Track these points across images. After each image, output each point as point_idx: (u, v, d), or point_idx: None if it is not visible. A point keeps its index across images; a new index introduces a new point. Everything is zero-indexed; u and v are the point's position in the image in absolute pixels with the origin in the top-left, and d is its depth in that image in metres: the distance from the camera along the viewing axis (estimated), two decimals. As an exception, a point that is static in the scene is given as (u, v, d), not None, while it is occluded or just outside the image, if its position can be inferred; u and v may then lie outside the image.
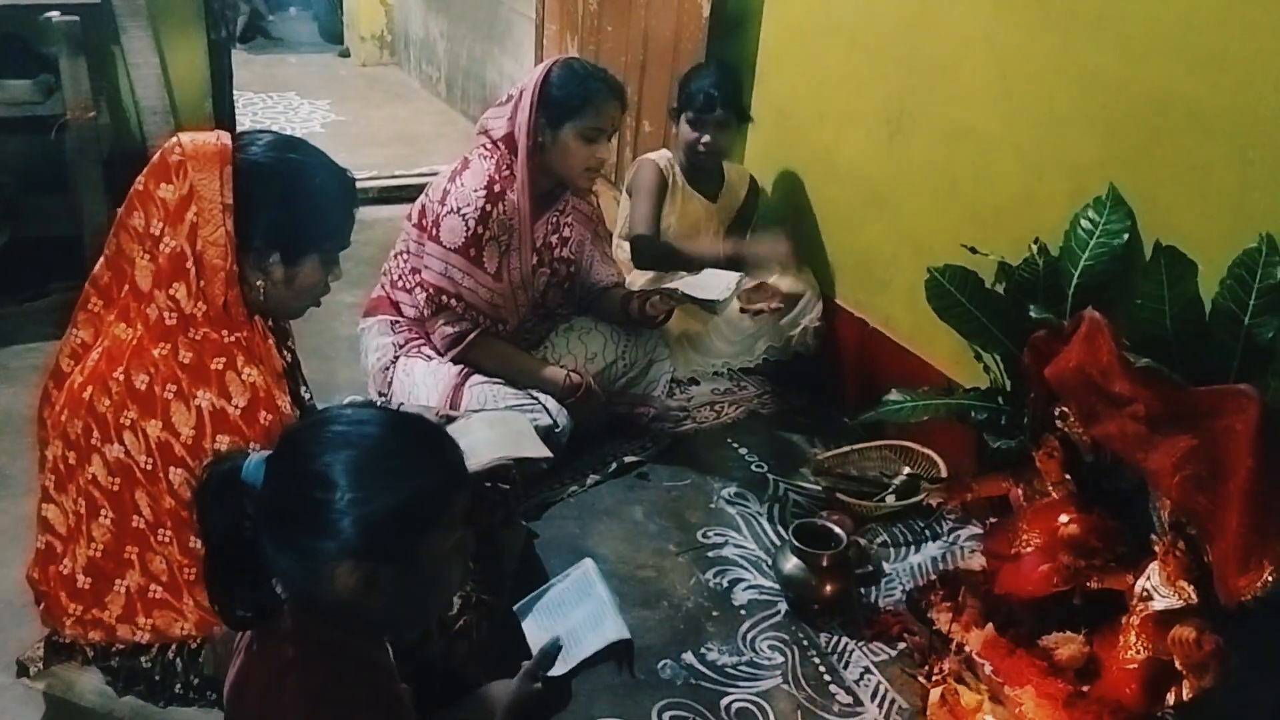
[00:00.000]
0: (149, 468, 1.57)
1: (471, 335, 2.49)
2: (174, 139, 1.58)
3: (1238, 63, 1.86)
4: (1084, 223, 2.13)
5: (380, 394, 2.60)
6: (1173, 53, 1.96)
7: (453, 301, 2.48)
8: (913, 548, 2.42)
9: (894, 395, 2.26)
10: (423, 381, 2.52)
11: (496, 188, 2.46)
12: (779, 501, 2.55)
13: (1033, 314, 1.99)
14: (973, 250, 2.25)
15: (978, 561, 2.27)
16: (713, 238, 2.99)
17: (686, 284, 2.56)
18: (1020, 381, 2.18)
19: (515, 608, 1.62)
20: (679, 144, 2.95)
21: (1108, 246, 2.09)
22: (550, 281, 2.67)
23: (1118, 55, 2.05)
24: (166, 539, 1.61)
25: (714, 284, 2.52)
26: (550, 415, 2.48)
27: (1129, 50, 2.03)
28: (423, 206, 2.52)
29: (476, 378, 2.52)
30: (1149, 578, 1.84)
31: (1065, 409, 1.99)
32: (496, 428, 2.14)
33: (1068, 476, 2.01)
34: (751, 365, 2.99)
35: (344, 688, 1.22)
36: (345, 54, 6.49)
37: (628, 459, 2.63)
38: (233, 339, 1.62)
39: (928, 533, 2.47)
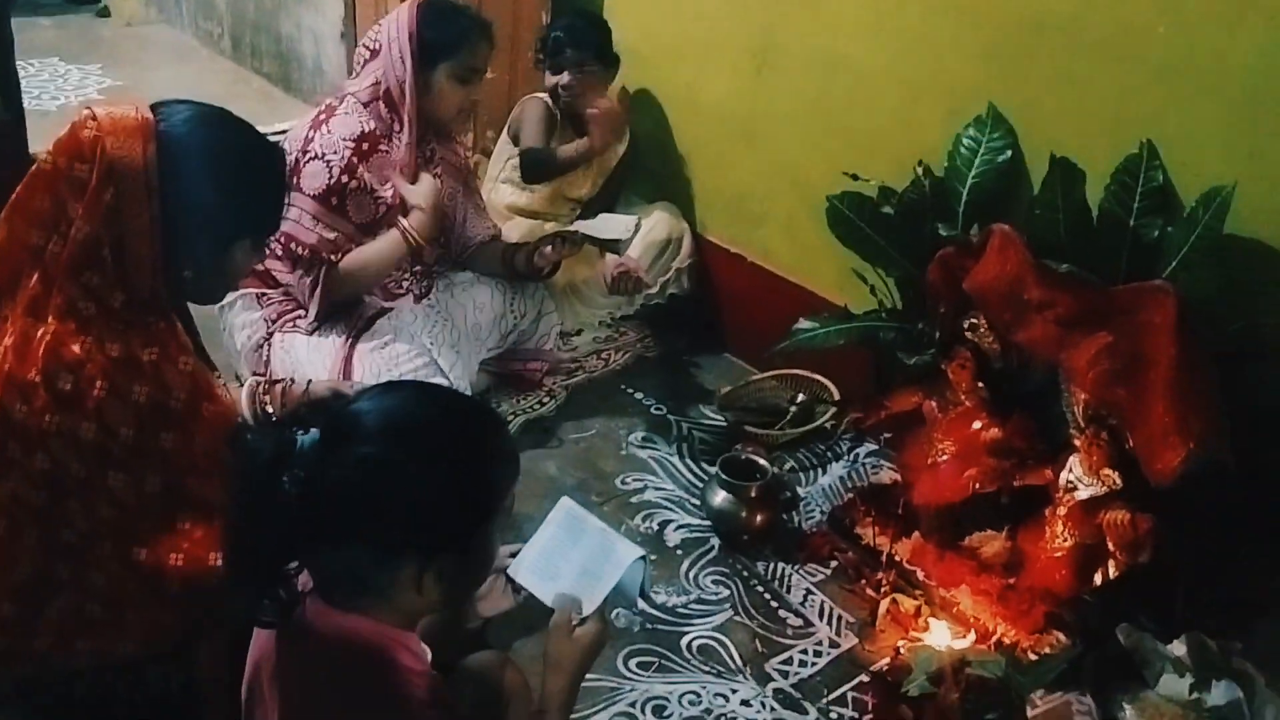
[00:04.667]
0: (82, 475, 1.40)
1: (321, 272, 2.33)
2: (85, 111, 1.40)
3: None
4: (966, 141, 2.22)
5: (256, 374, 2.42)
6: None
7: (303, 251, 2.33)
8: (819, 470, 2.50)
9: (804, 323, 2.30)
10: (306, 358, 2.36)
11: (365, 145, 2.34)
12: (686, 440, 2.56)
13: (942, 233, 2.07)
14: (854, 177, 2.30)
15: (887, 476, 2.37)
16: (590, 184, 2.94)
17: (585, 226, 2.51)
18: (915, 299, 2.27)
19: (508, 570, 1.55)
20: (549, 91, 2.88)
21: (992, 163, 2.19)
22: None
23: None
24: (106, 551, 1.45)
25: (614, 225, 2.49)
26: (446, 375, 2.39)
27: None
28: None
29: (364, 345, 2.39)
30: (1070, 470, 1.97)
31: (974, 320, 2.09)
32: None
33: (980, 385, 2.12)
34: (632, 312, 2.97)
35: (375, 692, 1.14)
36: (105, 13, 5.90)
37: (529, 415, 2.58)
38: (161, 325, 1.46)
39: (829, 454, 2.55)
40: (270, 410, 1.94)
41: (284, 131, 3.15)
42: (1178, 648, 1.86)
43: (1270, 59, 1.80)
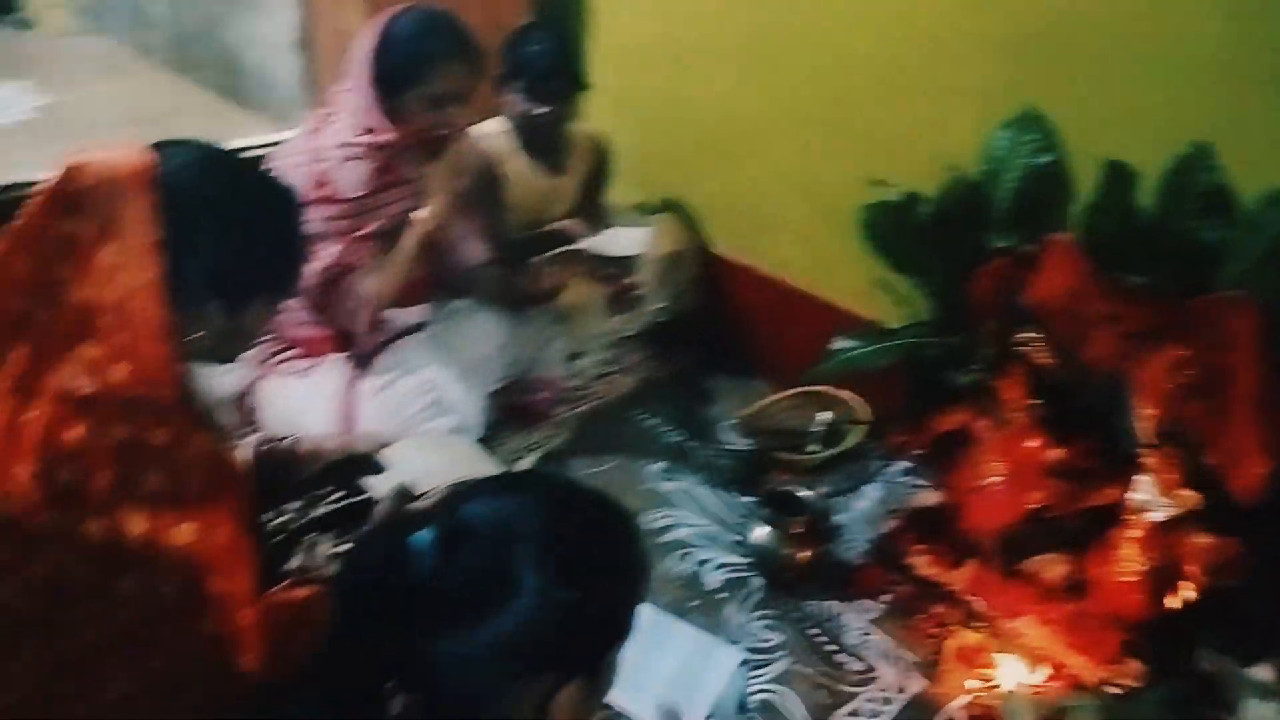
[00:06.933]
0: (88, 581, 1.22)
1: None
2: (73, 159, 1.21)
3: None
4: (1001, 144, 2.10)
5: (250, 425, 2.23)
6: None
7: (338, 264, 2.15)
8: (854, 494, 2.37)
9: (842, 342, 2.16)
10: (306, 404, 2.18)
11: (374, 139, 2.15)
12: (710, 468, 2.42)
13: (994, 244, 1.95)
14: (882, 184, 2.17)
15: (930, 497, 2.25)
16: (564, 212, 2.74)
17: (596, 245, 2.35)
18: (952, 312, 2.15)
19: None
20: (511, 116, 2.61)
21: (1031, 167, 2.07)
22: None
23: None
24: (117, 666, 1.27)
25: (625, 240, 2.34)
26: (459, 411, 2.24)
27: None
28: None
29: (367, 385, 2.22)
30: (1140, 490, 1.87)
31: (1028, 334, 1.97)
32: (440, 451, 1.87)
33: (1033, 402, 2.01)
34: (635, 331, 2.80)
35: None
36: (26, 24, 5.59)
37: (541, 450, 2.42)
38: (171, 400, 1.28)
39: (862, 475, 2.42)
40: (278, 474, 1.77)
41: (248, 149, 2.97)
42: (1264, 673, 1.78)
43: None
